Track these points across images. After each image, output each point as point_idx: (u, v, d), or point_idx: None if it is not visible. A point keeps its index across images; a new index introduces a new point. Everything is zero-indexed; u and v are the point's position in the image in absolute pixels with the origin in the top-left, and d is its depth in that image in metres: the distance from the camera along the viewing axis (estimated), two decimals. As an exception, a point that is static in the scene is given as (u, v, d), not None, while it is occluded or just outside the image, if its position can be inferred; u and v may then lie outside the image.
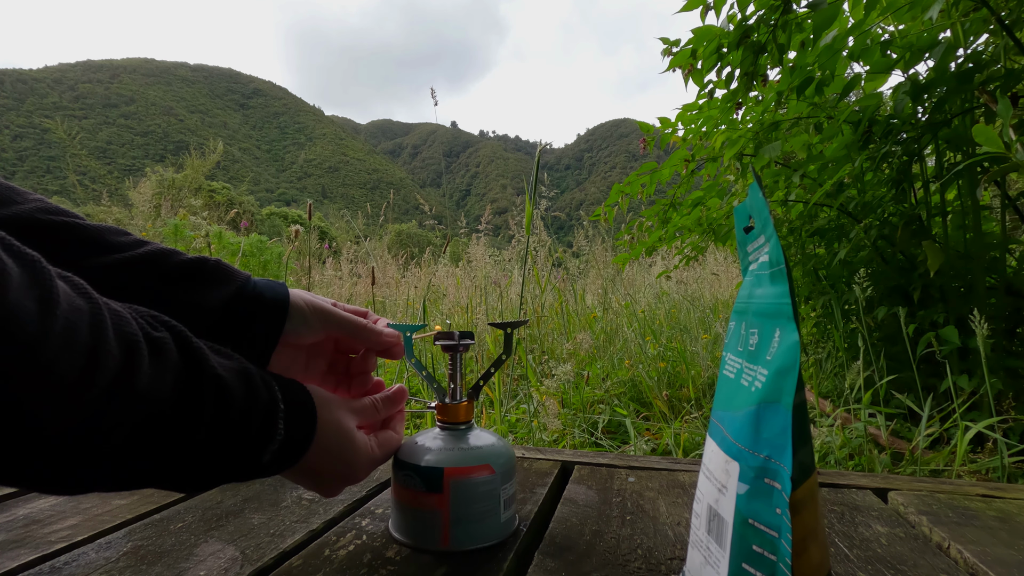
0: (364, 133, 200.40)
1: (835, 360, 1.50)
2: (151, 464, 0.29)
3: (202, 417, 0.29)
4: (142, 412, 0.26)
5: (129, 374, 0.25)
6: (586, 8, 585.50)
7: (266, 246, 3.31)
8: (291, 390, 0.36)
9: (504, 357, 0.47)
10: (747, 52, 1.19)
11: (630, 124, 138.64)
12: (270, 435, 0.33)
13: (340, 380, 0.48)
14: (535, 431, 1.36)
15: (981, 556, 0.42)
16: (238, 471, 0.33)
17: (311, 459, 0.37)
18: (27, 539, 0.45)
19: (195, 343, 0.30)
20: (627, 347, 2.08)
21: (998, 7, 1.04)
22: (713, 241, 1.76)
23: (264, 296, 0.41)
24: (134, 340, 0.26)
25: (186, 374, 0.29)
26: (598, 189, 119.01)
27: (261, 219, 16.61)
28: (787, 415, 0.27)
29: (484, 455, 0.43)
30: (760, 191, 0.32)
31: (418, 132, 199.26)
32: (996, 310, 1.13)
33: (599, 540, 0.45)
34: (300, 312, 0.42)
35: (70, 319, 0.23)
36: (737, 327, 0.35)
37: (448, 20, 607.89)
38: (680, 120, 1.55)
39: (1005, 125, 0.80)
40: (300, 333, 0.42)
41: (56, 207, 0.37)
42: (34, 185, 65.91)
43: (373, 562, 0.41)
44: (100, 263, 0.37)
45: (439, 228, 4.14)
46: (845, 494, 0.56)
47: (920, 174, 1.31)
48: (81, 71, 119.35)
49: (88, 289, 0.25)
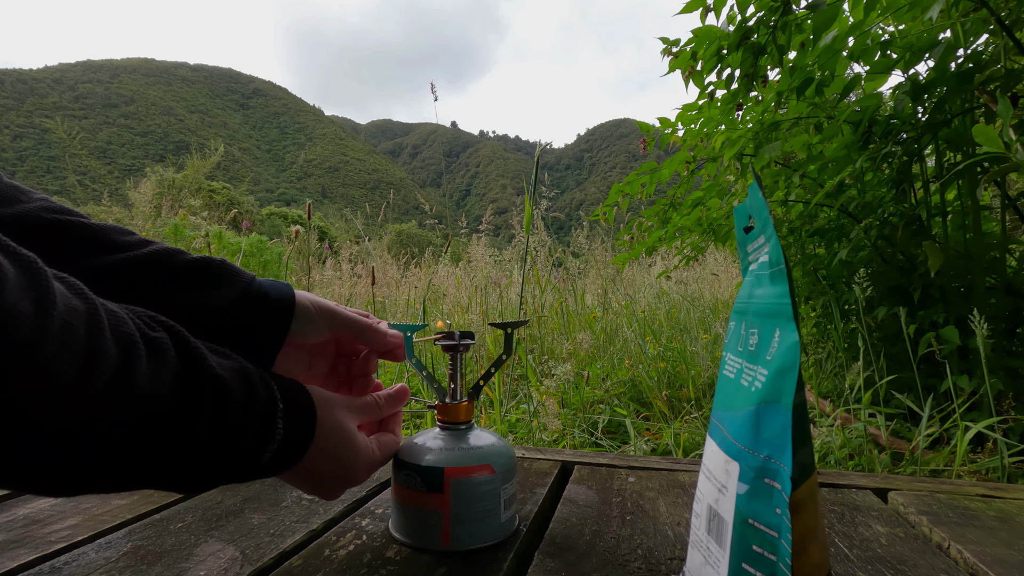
0: (364, 133, 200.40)
1: (835, 360, 1.50)
2: (150, 464, 0.29)
3: (201, 417, 0.29)
4: (140, 412, 0.26)
5: (127, 374, 0.25)
6: (586, 8, 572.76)
7: (266, 246, 3.31)
8: (291, 390, 0.36)
9: (504, 357, 0.47)
10: (747, 53, 1.19)
11: (630, 124, 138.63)
12: (269, 435, 0.33)
13: (341, 382, 0.48)
14: (535, 431, 1.36)
15: (981, 556, 0.42)
16: (238, 471, 0.33)
17: (311, 460, 0.37)
18: (27, 539, 0.45)
19: (193, 343, 0.30)
20: (627, 347, 2.08)
21: (998, 7, 1.04)
22: (713, 241, 1.76)
23: (270, 296, 0.41)
24: (131, 340, 0.26)
25: (184, 374, 0.29)
26: (598, 189, 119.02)
27: (261, 219, 16.62)
28: (787, 415, 0.27)
29: (485, 455, 0.43)
30: (760, 191, 0.32)
31: (418, 132, 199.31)
32: (996, 310, 1.13)
33: (599, 540, 0.45)
34: (306, 312, 0.42)
35: (67, 320, 0.23)
36: (737, 327, 0.35)
37: (447, 20, 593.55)
38: (680, 120, 1.55)
39: (1005, 125, 0.80)
40: (306, 333, 0.42)
41: (60, 206, 0.37)
42: (34, 185, 65.53)
43: (373, 562, 0.41)
44: (104, 262, 0.37)
45: (439, 228, 4.14)
46: (845, 494, 0.56)
47: (920, 174, 1.31)
48: (81, 71, 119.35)
49: (84, 290, 0.25)
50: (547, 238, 3.16)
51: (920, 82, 1.11)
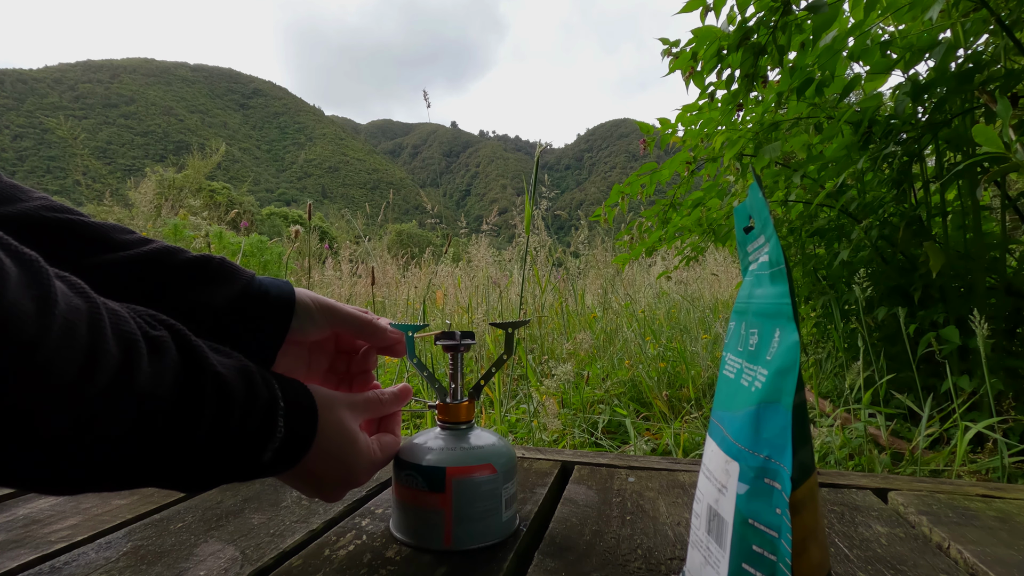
0: (364, 133, 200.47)
1: (835, 360, 1.50)
2: (151, 463, 0.28)
3: (203, 415, 0.29)
4: (142, 411, 0.26)
5: (128, 373, 0.25)
6: (586, 7, 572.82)
7: (266, 246, 3.31)
8: (292, 389, 0.36)
9: (505, 357, 0.47)
10: (747, 54, 1.19)
11: (630, 124, 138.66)
12: (270, 433, 0.33)
13: (341, 379, 0.48)
14: (535, 431, 1.36)
15: (981, 556, 0.42)
16: (239, 470, 0.33)
17: (312, 460, 0.37)
18: (27, 539, 0.45)
19: (194, 341, 0.30)
20: (627, 347, 2.08)
21: (998, 7, 1.04)
22: (713, 241, 1.76)
23: (270, 293, 0.41)
24: (132, 339, 0.26)
25: (186, 372, 0.29)
26: (598, 189, 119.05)
27: (261, 219, 16.62)
28: (787, 415, 0.27)
29: (486, 454, 0.43)
30: (760, 191, 0.32)
31: (418, 132, 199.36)
32: (996, 310, 1.13)
33: (599, 540, 0.45)
34: (306, 309, 0.42)
35: (68, 318, 0.23)
36: (737, 327, 0.35)
37: (447, 19, 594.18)
38: (680, 121, 1.55)
39: (1005, 125, 0.80)
40: (306, 330, 0.42)
41: (60, 205, 0.37)
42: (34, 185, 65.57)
43: (373, 562, 0.41)
44: (105, 261, 0.37)
45: (440, 228, 4.14)
46: (845, 494, 0.56)
47: (920, 174, 1.31)
48: (81, 71, 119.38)
49: (86, 288, 0.25)
50: (547, 238, 3.16)
51: (920, 82, 1.11)
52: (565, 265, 3.22)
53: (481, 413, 1.54)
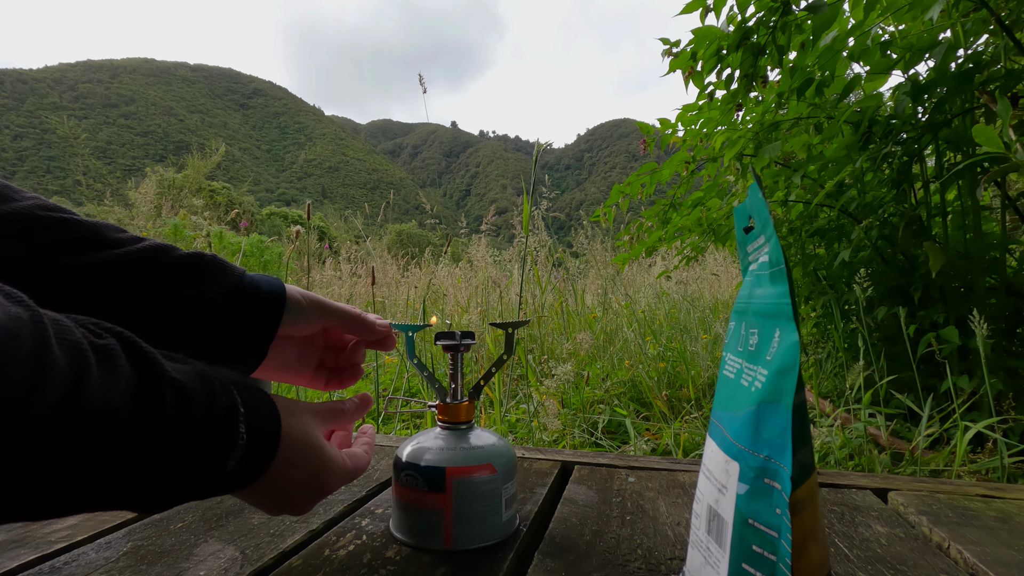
0: (364, 133, 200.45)
1: (835, 360, 1.50)
2: (108, 482, 0.26)
3: (161, 424, 0.27)
4: (96, 425, 0.24)
5: (77, 385, 0.23)
6: (586, 7, 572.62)
7: (266, 246, 3.31)
8: (251, 395, 0.34)
9: (505, 357, 0.47)
10: (747, 54, 1.19)
11: (630, 124, 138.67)
12: (231, 440, 0.31)
13: (331, 373, 0.48)
14: (535, 431, 1.36)
15: (981, 556, 0.42)
16: (203, 484, 0.31)
17: (279, 469, 0.35)
18: (27, 539, 0.45)
19: (145, 348, 0.28)
20: (627, 347, 2.08)
21: (998, 7, 1.04)
22: (713, 241, 1.76)
23: (261, 289, 0.41)
24: (79, 348, 0.24)
25: (140, 380, 0.27)
26: (598, 189, 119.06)
27: (261, 219, 16.62)
28: (787, 415, 0.27)
29: (486, 454, 0.43)
30: (760, 191, 0.32)
31: (418, 132, 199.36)
32: (996, 310, 1.13)
33: (599, 540, 0.45)
34: (297, 304, 0.42)
35: (9, 328, 0.21)
36: (737, 327, 0.35)
37: (446, 19, 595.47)
38: (680, 121, 1.55)
39: (1005, 125, 0.80)
40: (297, 324, 0.42)
41: (54, 205, 0.37)
42: (34, 185, 66.01)
43: (373, 562, 0.41)
44: (98, 259, 0.36)
45: (439, 228, 4.14)
46: (845, 494, 0.56)
47: (920, 174, 1.31)
48: (81, 71, 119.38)
49: (25, 298, 0.23)
50: (547, 238, 3.16)
51: (920, 82, 1.11)
52: (565, 265, 3.22)
53: (481, 413, 1.54)
